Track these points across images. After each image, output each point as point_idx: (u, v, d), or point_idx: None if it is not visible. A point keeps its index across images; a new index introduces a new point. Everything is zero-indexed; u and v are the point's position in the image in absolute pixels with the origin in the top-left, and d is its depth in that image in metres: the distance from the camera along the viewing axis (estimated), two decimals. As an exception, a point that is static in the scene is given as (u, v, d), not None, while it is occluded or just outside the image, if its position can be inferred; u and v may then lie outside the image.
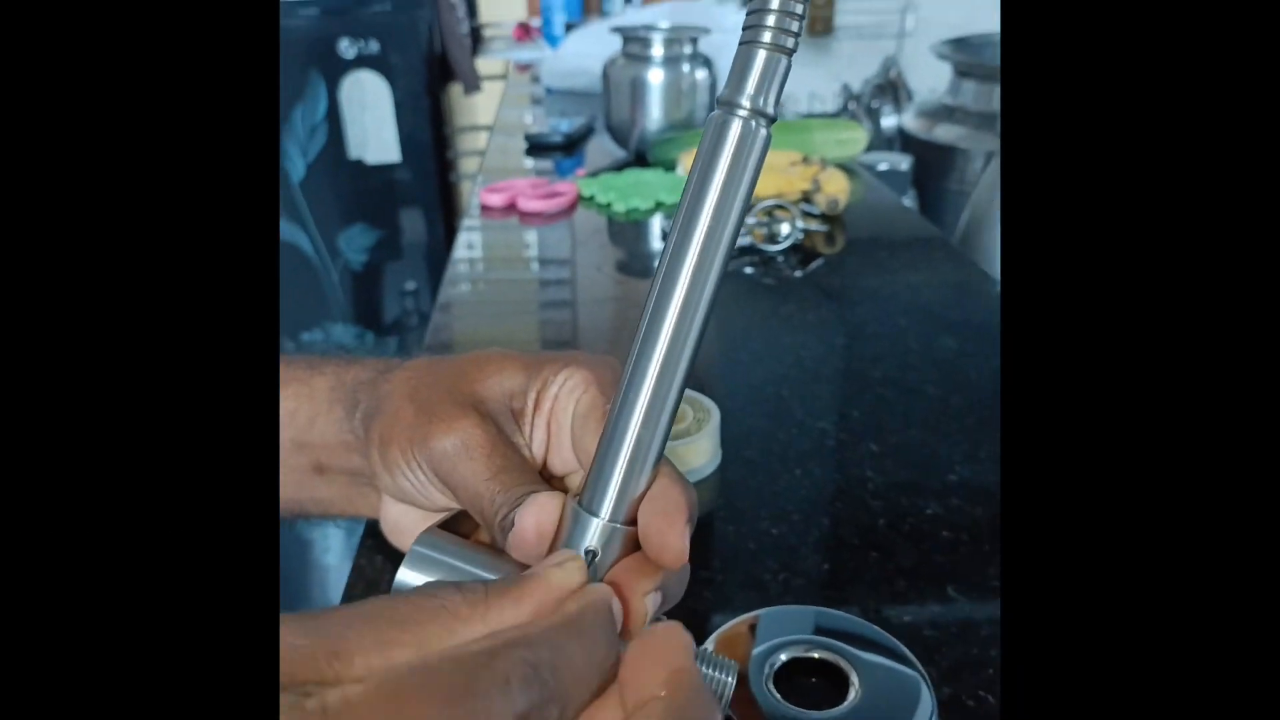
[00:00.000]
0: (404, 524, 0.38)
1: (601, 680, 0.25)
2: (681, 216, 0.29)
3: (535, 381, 0.37)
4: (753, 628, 0.43)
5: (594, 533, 0.30)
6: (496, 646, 0.22)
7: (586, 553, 0.30)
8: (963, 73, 1.48)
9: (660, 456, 0.31)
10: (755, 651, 0.42)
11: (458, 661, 0.21)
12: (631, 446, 0.30)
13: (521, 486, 0.33)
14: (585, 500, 0.31)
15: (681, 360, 0.30)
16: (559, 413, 0.37)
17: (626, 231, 1.05)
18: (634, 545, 0.32)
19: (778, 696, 0.39)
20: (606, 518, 0.30)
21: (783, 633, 0.42)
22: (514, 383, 0.37)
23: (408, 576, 0.32)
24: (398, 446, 0.36)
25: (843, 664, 0.41)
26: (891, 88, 2.08)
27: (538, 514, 0.31)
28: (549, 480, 0.37)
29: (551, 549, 0.31)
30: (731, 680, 0.32)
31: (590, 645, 0.24)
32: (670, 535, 0.30)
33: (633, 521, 0.31)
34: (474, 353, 0.39)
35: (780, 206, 0.93)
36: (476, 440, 0.34)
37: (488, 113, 1.95)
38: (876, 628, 0.43)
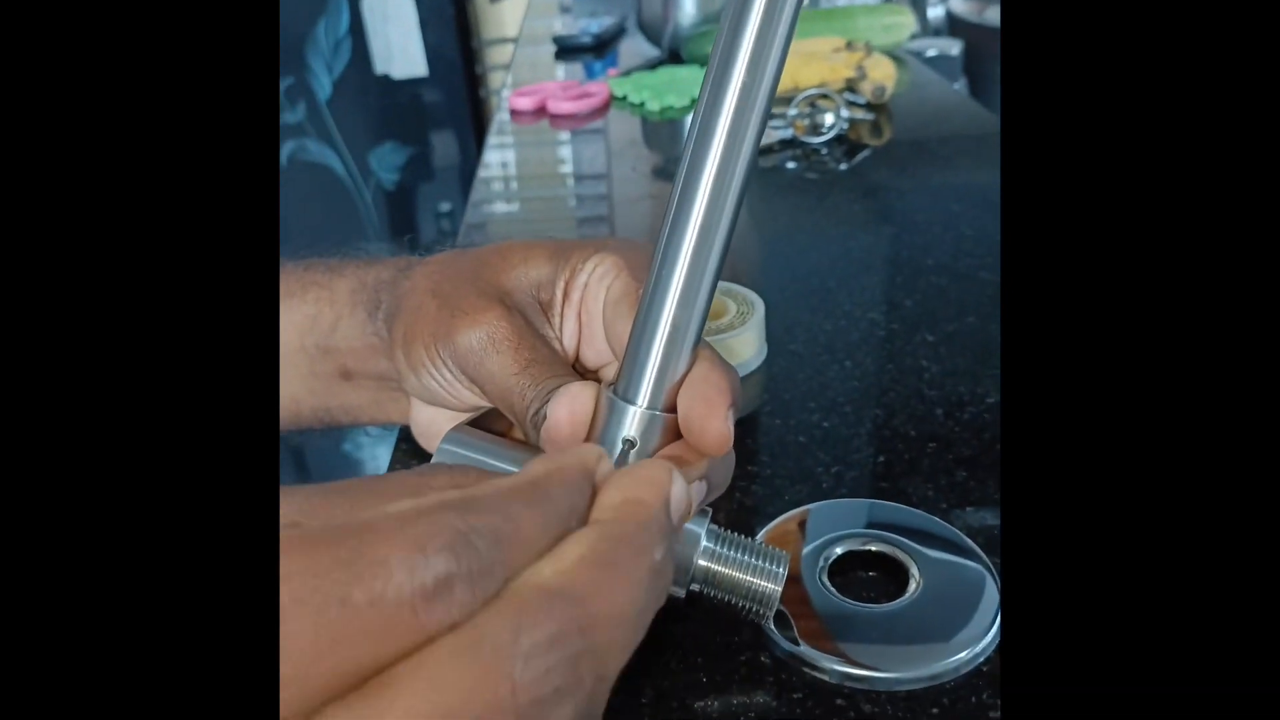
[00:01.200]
0: (436, 427, 0.37)
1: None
2: (714, 72, 0.26)
3: (563, 270, 0.35)
4: (802, 524, 0.41)
5: (632, 421, 0.28)
6: (424, 507, 0.17)
7: (624, 442, 0.28)
8: (1016, -49, 1.38)
9: (699, 338, 0.28)
10: (808, 547, 0.39)
11: (370, 521, 0.17)
12: (668, 328, 0.27)
13: (553, 379, 0.31)
14: (620, 388, 0.29)
15: (719, 232, 0.27)
16: (590, 302, 0.34)
17: (661, 132, 1.00)
18: (675, 434, 0.30)
19: (832, 590, 0.37)
20: (644, 405, 0.28)
21: (835, 528, 0.40)
22: (541, 272, 0.35)
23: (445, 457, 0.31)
24: (421, 344, 0.34)
25: (902, 556, 0.38)
26: (937, -25, 1.97)
27: (570, 404, 0.29)
28: (582, 374, 0.35)
29: (588, 440, 0.29)
30: (781, 571, 0.30)
31: (549, 512, 0.20)
32: (712, 420, 0.28)
33: (672, 409, 0.29)
34: (498, 243, 0.36)
35: (823, 95, 0.88)
36: (503, 333, 0.32)
37: (515, 24, 1.89)
38: (936, 519, 0.40)
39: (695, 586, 0.30)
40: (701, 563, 0.29)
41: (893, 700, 0.33)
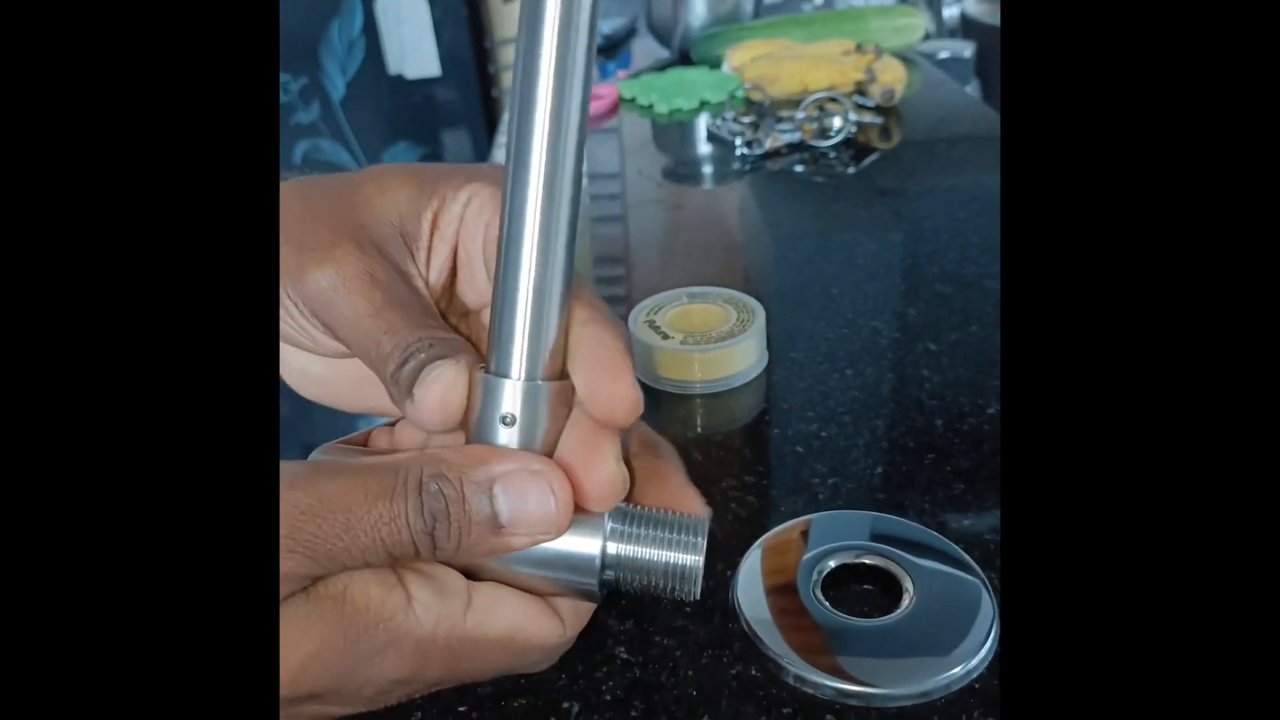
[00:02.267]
0: (313, 372, 0.32)
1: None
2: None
3: (430, 200, 0.31)
4: (804, 534, 0.41)
5: (510, 396, 0.26)
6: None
7: (503, 418, 0.26)
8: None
9: (568, 293, 0.26)
10: (804, 558, 0.39)
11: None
12: (532, 290, 0.25)
13: (413, 330, 0.28)
14: (493, 364, 0.26)
15: (564, 171, 0.24)
16: (467, 240, 0.31)
17: (670, 134, 1.00)
18: (567, 403, 0.27)
19: (825, 604, 0.37)
20: (522, 377, 0.26)
21: (837, 538, 0.40)
22: (403, 203, 0.31)
23: None
24: (284, 278, 0.29)
25: (896, 570, 0.38)
26: (952, -25, 1.95)
27: (442, 390, 0.26)
28: (461, 317, 0.32)
29: (464, 422, 0.26)
30: (699, 540, 0.27)
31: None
32: (618, 387, 0.26)
33: (555, 376, 0.26)
34: (358, 171, 0.32)
35: (832, 99, 0.88)
36: (355, 271, 0.28)
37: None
38: (933, 533, 0.40)
39: (610, 574, 0.27)
40: (611, 549, 0.26)
41: (884, 716, 0.33)
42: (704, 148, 0.96)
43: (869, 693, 0.33)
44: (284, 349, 0.32)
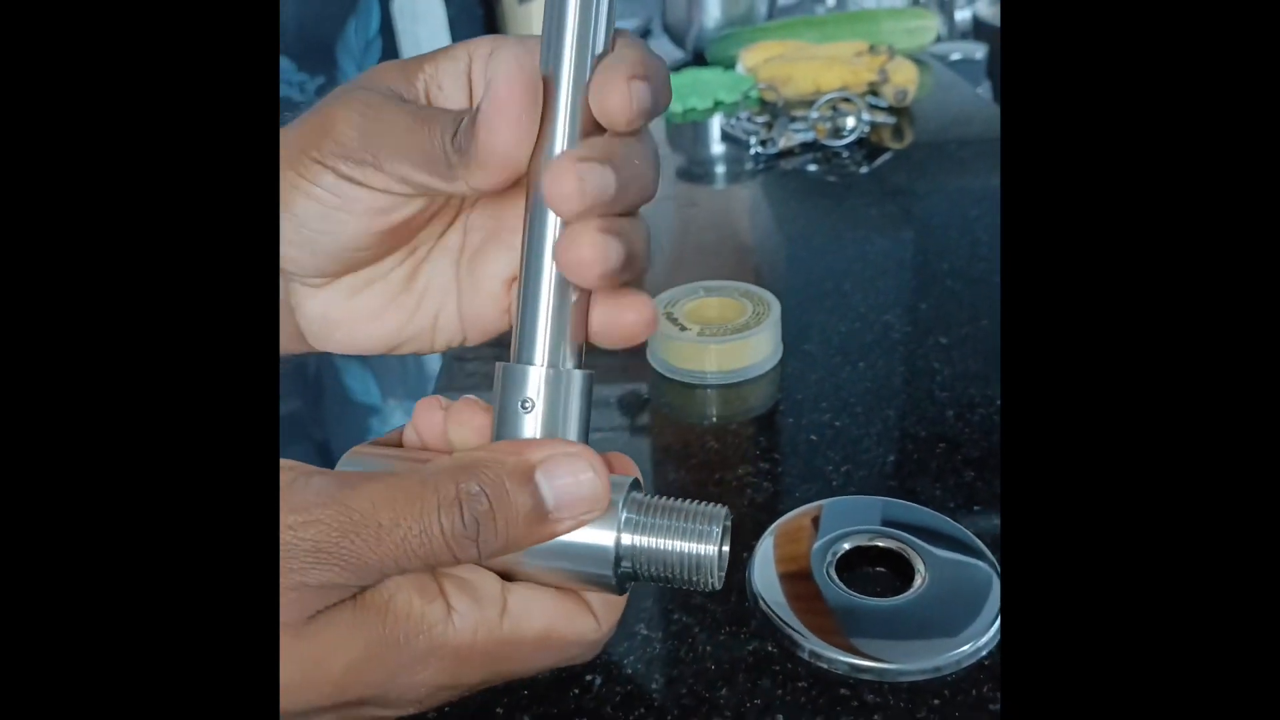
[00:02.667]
0: (332, 315, 0.30)
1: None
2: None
3: (415, 76, 0.28)
4: (816, 519, 0.42)
5: (532, 382, 0.26)
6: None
7: (523, 403, 0.26)
8: (1043, -46, 1.38)
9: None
10: (818, 542, 0.40)
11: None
12: (555, 279, 0.25)
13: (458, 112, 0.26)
14: (517, 353, 0.26)
15: None
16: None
17: (685, 133, 1.01)
18: (590, 391, 0.27)
19: (840, 584, 0.38)
20: (544, 364, 0.26)
21: (848, 524, 0.41)
22: (393, 75, 0.28)
23: None
24: (293, 169, 0.27)
25: (908, 553, 0.39)
26: (964, -23, 1.96)
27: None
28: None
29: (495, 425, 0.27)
30: (715, 529, 0.26)
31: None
32: (614, 87, 0.24)
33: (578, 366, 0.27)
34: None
35: (845, 99, 0.89)
36: (378, 99, 0.27)
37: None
38: (945, 518, 0.41)
39: (627, 566, 0.26)
40: (626, 540, 0.26)
41: (895, 691, 0.34)
42: (718, 147, 0.97)
43: (882, 668, 0.35)
44: (299, 294, 0.30)
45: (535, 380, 0.26)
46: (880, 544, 0.40)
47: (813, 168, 0.87)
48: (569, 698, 0.35)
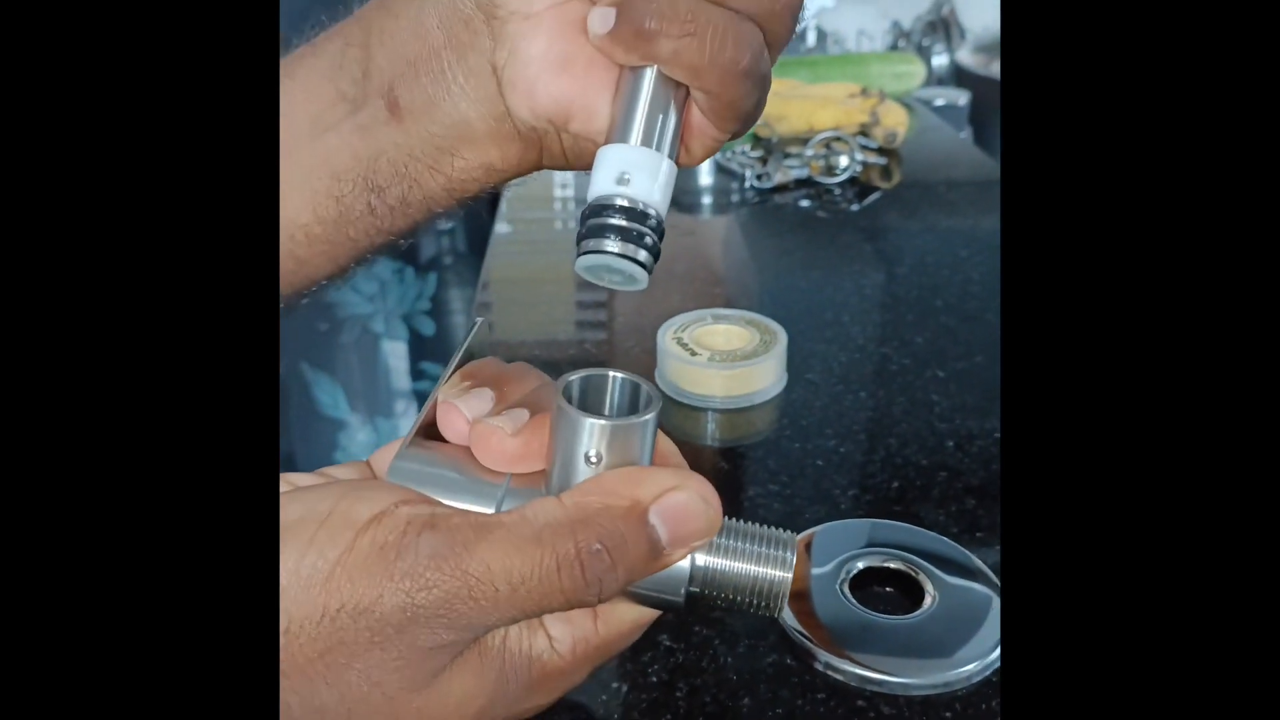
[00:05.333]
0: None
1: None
2: None
3: None
4: (809, 545, 0.44)
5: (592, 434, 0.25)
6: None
7: (587, 460, 0.25)
8: (1021, 8, 1.44)
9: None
10: (830, 564, 0.42)
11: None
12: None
13: None
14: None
15: None
16: None
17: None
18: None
19: (854, 602, 0.40)
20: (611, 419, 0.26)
21: (841, 548, 0.43)
22: None
23: None
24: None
25: (917, 574, 0.41)
26: (943, 24, 2.02)
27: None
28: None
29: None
30: (790, 555, 0.26)
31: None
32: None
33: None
34: None
35: (838, 138, 0.92)
36: None
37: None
38: (945, 539, 0.43)
39: (695, 587, 0.26)
40: (700, 560, 0.25)
41: (910, 704, 0.36)
42: (707, 179, 1.00)
43: (896, 681, 0.36)
44: (512, 46, 0.29)
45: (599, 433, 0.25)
46: (891, 565, 0.42)
47: (805, 203, 0.89)
48: (598, 703, 0.36)
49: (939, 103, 1.23)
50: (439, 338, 1.14)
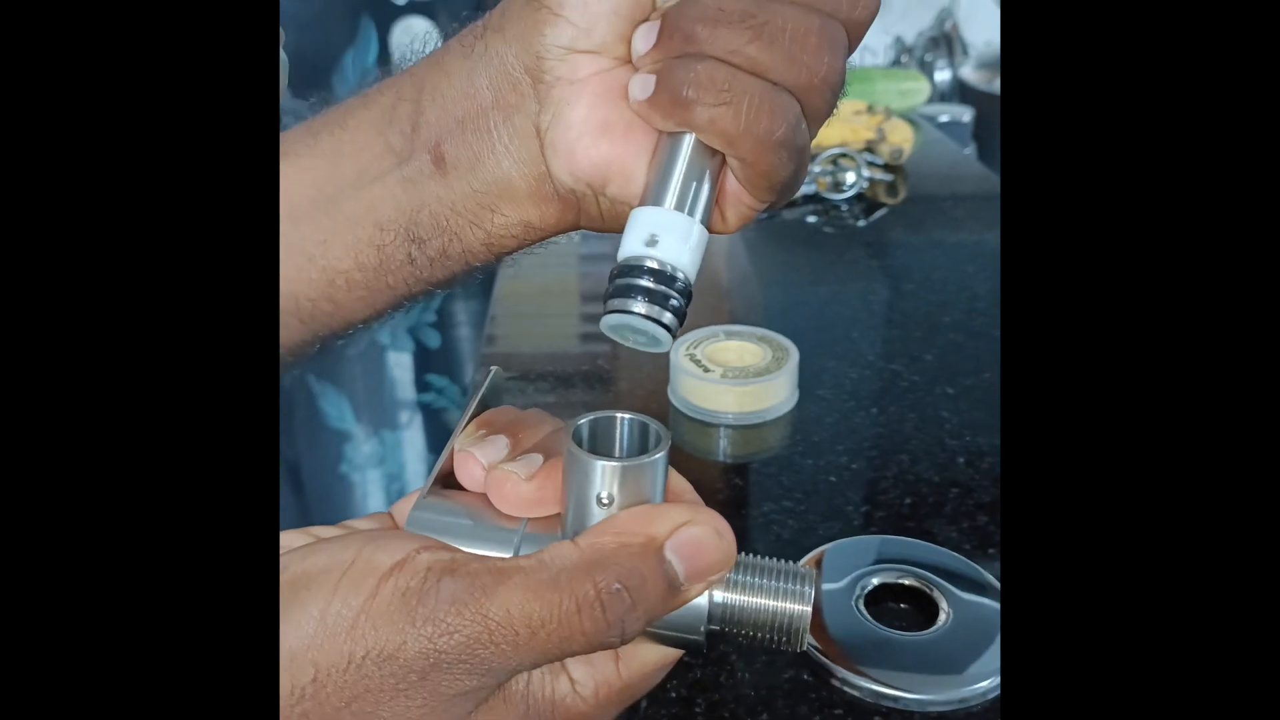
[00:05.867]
0: (586, 137, 0.31)
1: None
2: None
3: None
4: (819, 562, 0.44)
5: (608, 477, 0.25)
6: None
7: (600, 502, 0.25)
8: (1024, 24, 1.45)
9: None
10: (844, 580, 0.43)
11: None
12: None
13: None
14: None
15: None
16: None
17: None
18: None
19: (869, 618, 0.40)
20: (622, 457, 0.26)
21: (855, 565, 0.43)
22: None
23: None
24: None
25: (933, 591, 0.42)
26: (946, 40, 2.04)
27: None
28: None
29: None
30: (808, 590, 0.26)
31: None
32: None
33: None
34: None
35: (845, 155, 0.93)
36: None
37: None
38: (960, 556, 0.44)
39: (714, 625, 0.26)
40: (719, 596, 0.25)
41: (926, 719, 0.36)
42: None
43: (912, 698, 0.37)
44: (552, 118, 0.30)
45: (610, 476, 0.25)
46: (905, 582, 0.42)
47: (812, 219, 0.90)
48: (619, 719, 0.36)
49: (943, 119, 1.24)
50: (444, 350, 1.15)
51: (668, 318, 0.27)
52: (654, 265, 0.27)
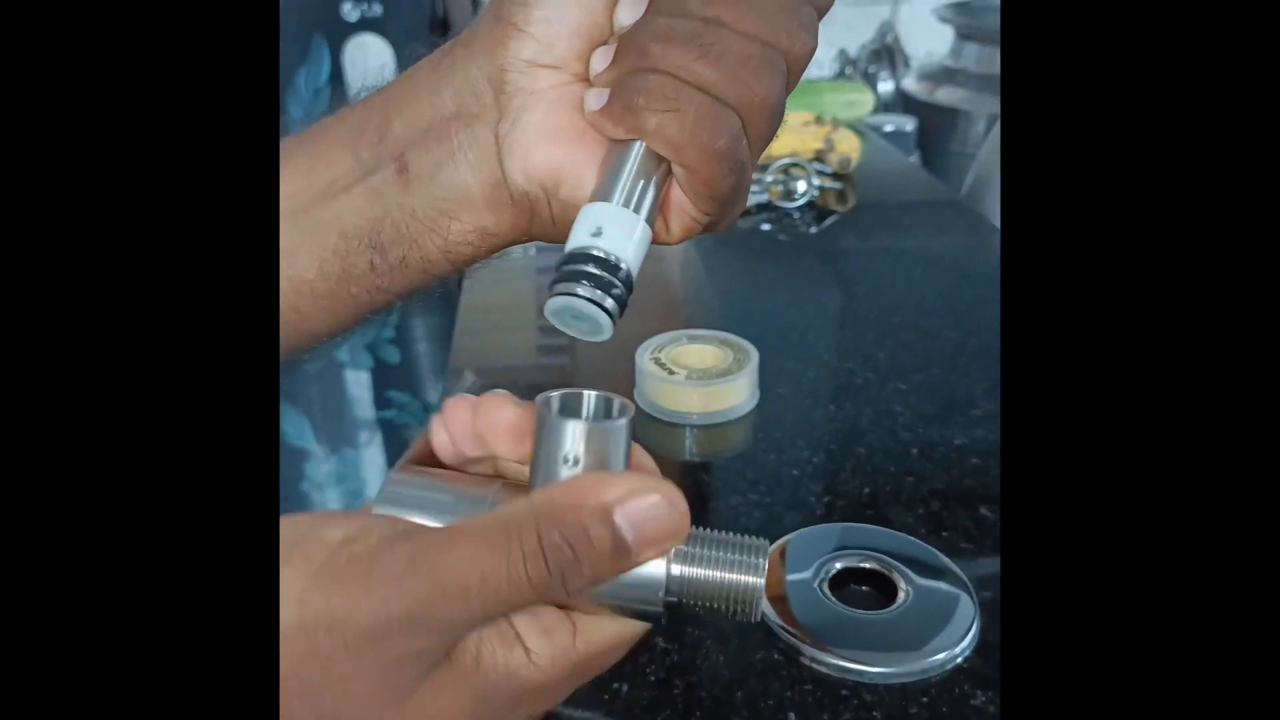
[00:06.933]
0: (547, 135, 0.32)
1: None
2: None
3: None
4: (783, 553, 0.46)
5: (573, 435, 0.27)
6: None
7: (566, 462, 0.27)
8: (965, 35, 1.50)
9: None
10: (809, 568, 0.45)
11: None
12: None
13: None
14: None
15: None
16: None
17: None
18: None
19: (833, 599, 0.43)
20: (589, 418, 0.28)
21: (819, 551, 0.46)
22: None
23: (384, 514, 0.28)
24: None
25: (891, 573, 0.44)
26: (888, 53, 2.10)
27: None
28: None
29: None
30: (761, 561, 0.27)
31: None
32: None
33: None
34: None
35: (796, 164, 0.96)
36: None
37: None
38: (916, 540, 0.46)
39: (672, 596, 0.26)
40: (675, 570, 0.26)
41: (889, 691, 0.39)
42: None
43: (875, 671, 0.39)
44: (513, 121, 0.32)
45: (575, 434, 0.26)
46: (866, 565, 0.45)
47: (766, 227, 0.93)
48: (601, 702, 0.38)
49: (888, 128, 1.28)
50: (404, 365, 1.15)
51: (609, 303, 0.29)
52: (599, 254, 0.29)
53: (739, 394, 0.58)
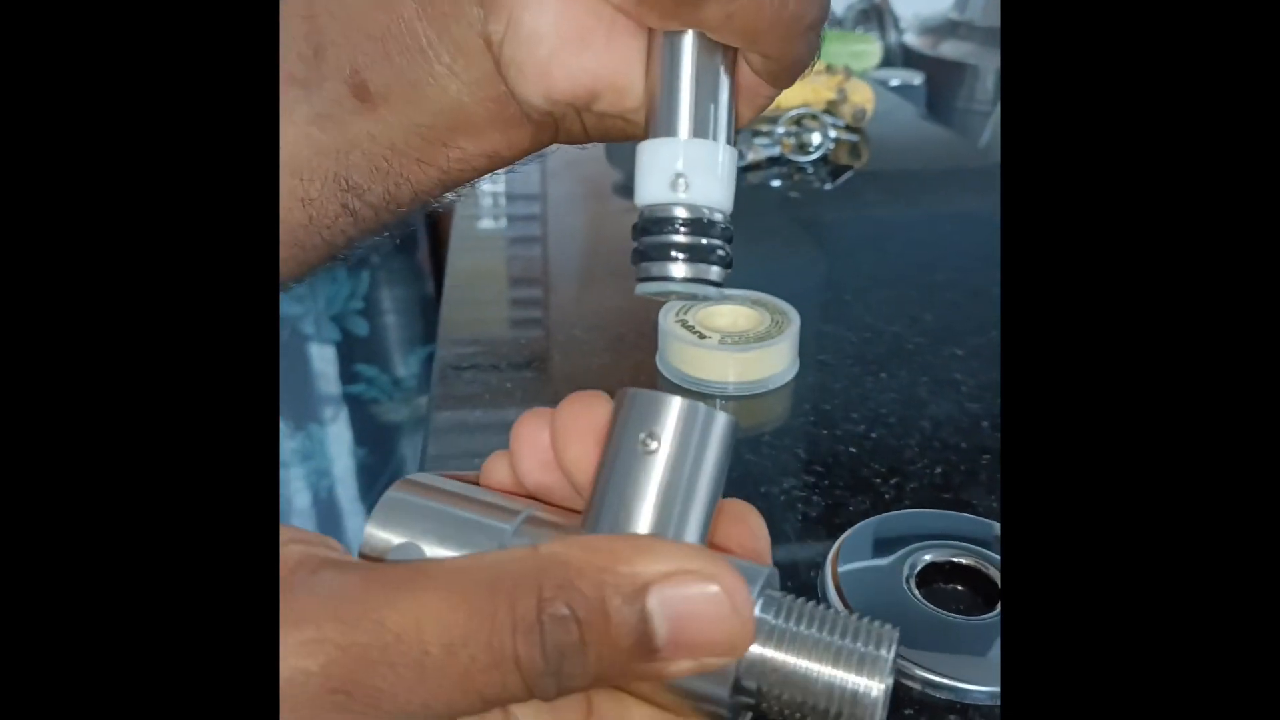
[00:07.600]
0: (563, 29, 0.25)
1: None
2: None
3: None
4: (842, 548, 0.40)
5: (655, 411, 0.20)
6: None
7: (644, 440, 0.20)
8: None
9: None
10: (894, 554, 0.38)
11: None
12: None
13: None
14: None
15: None
16: None
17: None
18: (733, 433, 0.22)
19: (922, 599, 0.36)
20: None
21: (900, 542, 0.39)
22: None
23: (376, 531, 0.21)
24: None
25: (989, 569, 0.37)
26: (876, 13, 2.02)
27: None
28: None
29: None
30: (887, 655, 0.19)
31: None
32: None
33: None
34: None
35: (810, 115, 0.89)
36: None
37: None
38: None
39: (750, 684, 0.19)
40: (755, 651, 0.19)
41: (979, 713, 0.32)
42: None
43: (982, 691, 0.32)
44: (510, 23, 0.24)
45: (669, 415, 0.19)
46: (960, 560, 0.38)
47: (776, 183, 0.86)
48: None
49: (894, 83, 1.21)
50: (373, 338, 1.08)
51: (714, 272, 0.24)
52: (687, 214, 0.23)
53: (780, 360, 0.51)
